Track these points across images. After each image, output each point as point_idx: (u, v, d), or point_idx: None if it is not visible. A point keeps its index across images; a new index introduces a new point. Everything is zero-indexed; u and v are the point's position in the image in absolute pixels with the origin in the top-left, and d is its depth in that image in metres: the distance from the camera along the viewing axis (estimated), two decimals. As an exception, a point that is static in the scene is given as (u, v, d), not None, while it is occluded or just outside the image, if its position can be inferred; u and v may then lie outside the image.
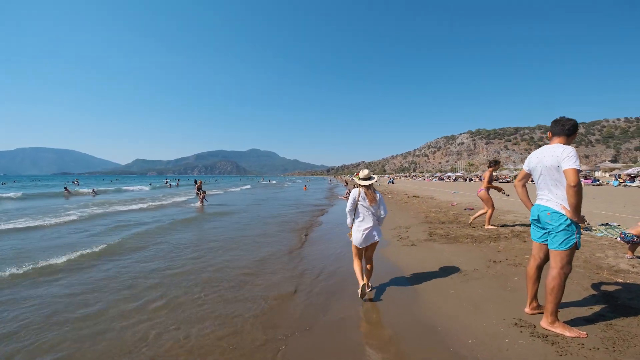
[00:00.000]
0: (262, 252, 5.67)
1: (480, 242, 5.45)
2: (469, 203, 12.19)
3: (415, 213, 9.80)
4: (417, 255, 5.01)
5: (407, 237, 6.37)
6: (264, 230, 8.04)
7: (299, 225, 8.83)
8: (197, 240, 6.82)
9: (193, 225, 8.96)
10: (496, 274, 3.86)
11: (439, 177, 61.41)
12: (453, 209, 10.41)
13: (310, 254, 5.59)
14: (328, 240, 6.77)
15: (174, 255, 5.58)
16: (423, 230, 6.87)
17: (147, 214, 11.40)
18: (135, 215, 11.19)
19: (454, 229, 6.78)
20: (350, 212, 3.49)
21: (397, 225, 7.81)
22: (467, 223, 7.35)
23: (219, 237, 7.09)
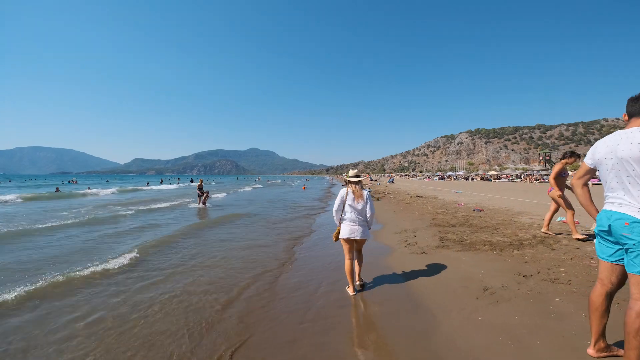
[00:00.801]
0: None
1: (501, 249, 4.76)
2: (475, 203, 11.51)
3: (420, 214, 9.11)
4: (429, 267, 4.31)
5: (415, 242, 5.67)
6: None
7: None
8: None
9: (192, 237, 8.22)
10: (531, 293, 3.17)
11: (440, 177, 60.78)
12: (460, 209, 9.72)
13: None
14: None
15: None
16: (432, 234, 6.17)
17: (140, 220, 10.67)
18: (125, 223, 10.42)
19: (467, 233, 6.08)
20: (337, 211, 3.61)
21: (402, 229, 7.11)
22: (482, 226, 6.66)
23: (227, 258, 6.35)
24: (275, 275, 4.40)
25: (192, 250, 5.76)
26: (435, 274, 4.00)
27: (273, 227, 8.34)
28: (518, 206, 10.50)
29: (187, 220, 9.80)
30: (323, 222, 9.25)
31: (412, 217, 8.72)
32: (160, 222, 9.29)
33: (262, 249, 5.93)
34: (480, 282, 3.57)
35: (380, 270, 4.35)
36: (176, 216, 10.73)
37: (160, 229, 8.10)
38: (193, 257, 5.32)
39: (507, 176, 45.31)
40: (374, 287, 3.75)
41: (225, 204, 15.68)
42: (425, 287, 3.58)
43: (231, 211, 12.04)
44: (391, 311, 3.05)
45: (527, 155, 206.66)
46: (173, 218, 10.27)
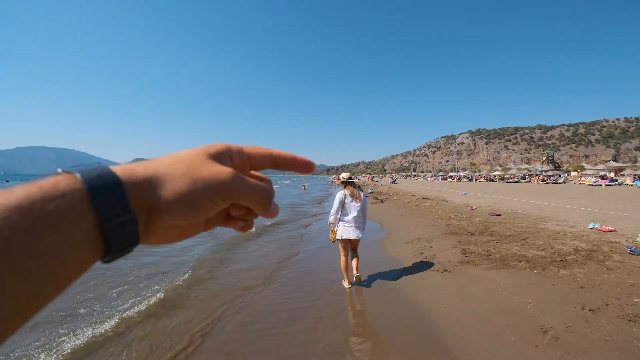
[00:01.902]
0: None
1: (542, 268, 3.89)
2: (488, 206, 10.65)
3: (432, 219, 8.23)
4: (456, 290, 3.44)
5: (432, 255, 4.80)
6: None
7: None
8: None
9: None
10: (611, 340, 2.30)
11: (442, 177, 59.91)
12: (475, 214, 8.85)
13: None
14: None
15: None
16: (452, 245, 5.30)
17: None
18: None
19: (492, 244, 5.21)
20: (336, 214, 3.73)
21: (415, 237, 6.24)
22: (507, 235, 5.80)
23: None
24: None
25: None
26: (466, 303, 3.13)
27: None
28: (535, 209, 9.64)
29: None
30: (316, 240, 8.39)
31: (423, 223, 7.84)
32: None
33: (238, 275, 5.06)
34: (531, 317, 2.71)
35: (392, 295, 3.48)
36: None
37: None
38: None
39: (511, 177, 44.43)
40: (387, 320, 2.89)
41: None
42: (460, 326, 2.70)
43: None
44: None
45: (528, 156, 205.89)
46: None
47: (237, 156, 0.26)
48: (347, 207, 3.72)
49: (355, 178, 75.67)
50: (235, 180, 0.23)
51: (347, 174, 4.02)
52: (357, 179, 72.54)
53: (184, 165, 0.22)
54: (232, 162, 0.26)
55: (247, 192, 0.24)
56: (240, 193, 0.23)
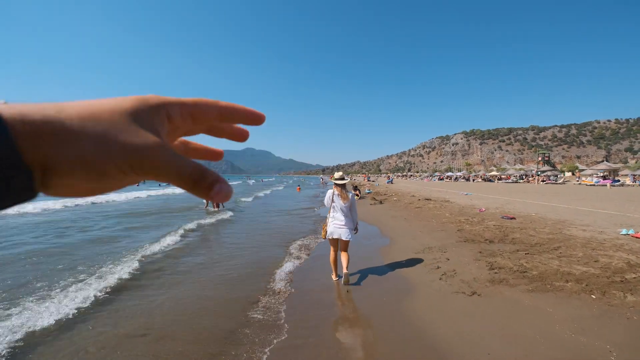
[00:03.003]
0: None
1: (601, 291, 3.03)
2: (497, 208, 9.86)
3: (440, 223, 7.38)
4: (495, 324, 2.56)
5: (452, 271, 3.91)
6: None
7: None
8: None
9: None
10: None
11: (439, 177, 59.48)
12: (486, 216, 8.02)
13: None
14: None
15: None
16: (472, 256, 4.42)
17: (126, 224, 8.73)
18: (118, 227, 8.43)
19: (520, 255, 4.35)
20: (327, 204, 3.86)
21: (424, 245, 5.36)
22: (532, 243, 4.96)
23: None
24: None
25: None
26: (517, 347, 2.24)
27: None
28: (549, 212, 8.86)
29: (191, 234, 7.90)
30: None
31: (431, 227, 6.97)
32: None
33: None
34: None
35: (406, 333, 2.57)
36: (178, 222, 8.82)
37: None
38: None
39: (508, 177, 44.09)
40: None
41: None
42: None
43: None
44: None
45: (522, 156, 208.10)
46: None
47: (177, 113, 0.22)
48: (335, 206, 3.78)
49: (351, 178, 74.61)
50: (158, 154, 0.19)
51: (339, 173, 4.00)
52: (353, 179, 71.87)
53: (101, 127, 0.18)
54: (170, 121, 0.22)
55: (167, 169, 0.19)
56: (159, 169, 0.19)
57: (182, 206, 13.01)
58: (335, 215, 3.78)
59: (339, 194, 3.77)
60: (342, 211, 3.75)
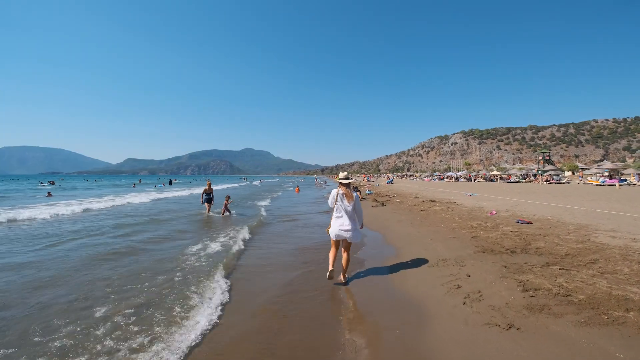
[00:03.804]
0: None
1: (678, 327, 2.37)
2: (507, 211, 9.21)
3: (450, 228, 6.72)
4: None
5: (477, 293, 3.25)
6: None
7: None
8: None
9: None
10: None
11: (439, 177, 58.88)
12: (499, 221, 7.37)
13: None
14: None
15: None
16: (497, 272, 3.76)
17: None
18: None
19: (554, 270, 3.69)
20: (332, 203, 3.84)
21: (438, 257, 4.69)
22: (562, 254, 4.30)
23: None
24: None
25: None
26: None
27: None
28: (567, 215, 8.22)
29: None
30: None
31: (442, 234, 6.30)
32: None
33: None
34: None
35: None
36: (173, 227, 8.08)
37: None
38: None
39: (509, 177, 43.52)
40: None
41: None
42: None
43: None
44: None
45: (520, 156, 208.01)
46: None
47: None
48: (339, 206, 3.78)
49: (352, 178, 75.09)
50: None
51: (344, 174, 4.00)
52: (353, 179, 70.39)
53: None
54: None
55: None
56: None
57: (189, 213, 12.06)
58: (339, 216, 3.79)
59: (344, 193, 3.79)
60: (347, 212, 3.76)
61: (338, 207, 3.81)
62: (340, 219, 3.78)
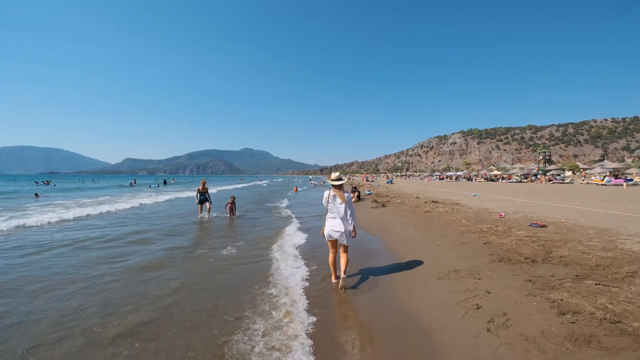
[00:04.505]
0: None
1: None
2: (516, 212, 8.67)
3: (458, 233, 6.15)
4: None
5: (502, 316, 2.68)
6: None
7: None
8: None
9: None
10: None
11: (439, 177, 58.39)
12: (510, 224, 6.82)
13: None
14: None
15: None
16: (522, 288, 3.19)
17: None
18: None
19: (588, 285, 3.13)
20: (325, 203, 3.83)
21: (450, 267, 4.12)
22: (591, 264, 3.75)
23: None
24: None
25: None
26: None
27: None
28: (581, 217, 7.68)
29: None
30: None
31: (450, 239, 5.74)
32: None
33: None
34: None
35: None
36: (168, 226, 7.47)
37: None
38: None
39: (510, 177, 43.03)
40: None
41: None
42: None
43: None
44: None
45: (519, 156, 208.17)
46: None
47: None
48: (332, 207, 3.77)
49: (350, 178, 73.69)
50: None
51: (336, 174, 3.93)
52: (352, 179, 70.39)
53: None
54: None
55: None
56: None
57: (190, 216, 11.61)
58: (332, 217, 3.78)
59: (335, 194, 3.76)
60: (339, 213, 3.73)
61: (330, 208, 3.79)
62: (334, 220, 3.77)
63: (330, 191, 3.81)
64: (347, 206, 3.75)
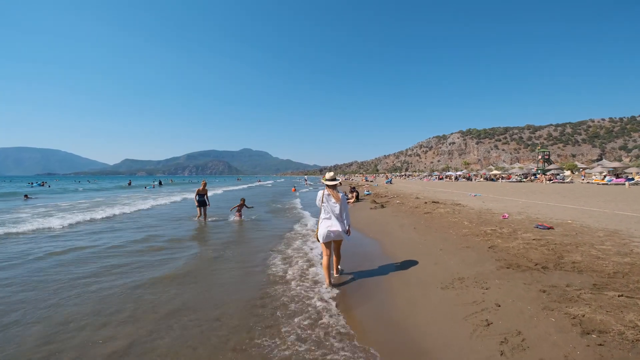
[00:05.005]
0: None
1: None
2: (519, 213, 8.35)
3: (461, 236, 5.81)
4: None
5: (517, 336, 2.35)
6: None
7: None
8: None
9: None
10: None
11: (438, 177, 58.15)
12: (515, 226, 6.49)
13: None
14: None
15: None
16: (534, 300, 2.86)
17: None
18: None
19: (611, 297, 2.80)
20: (319, 203, 3.77)
21: (454, 275, 3.79)
22: (609, 271, 3.42)
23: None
24: None
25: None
26: None
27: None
28: (587, 218, 7.36)
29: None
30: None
31: (453, 243, 5.40)
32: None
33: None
34: None
35: None
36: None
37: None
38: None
39: (509, 176, 42.82)
40: None
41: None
42: None
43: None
44: None
45: (518, 155, 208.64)
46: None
47: None
48: (326, 207, 3.71)
49: (349, 178, 73.33)
50: None
51: (331, 174, 3.90)
52: (351, 179, 70.02)
53: None
54: None
55: None
56: None
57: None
58: (326, 217, 3.72)
59: (329, 194, 3.71)
60: (334, 212, 3.68)
61: (325, 208, 3.72)
62: (329, 220, 3.70)
63: (324, 191, 3.77)
64: (341, 205, 3.71)
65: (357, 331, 2.76)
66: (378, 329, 2.82)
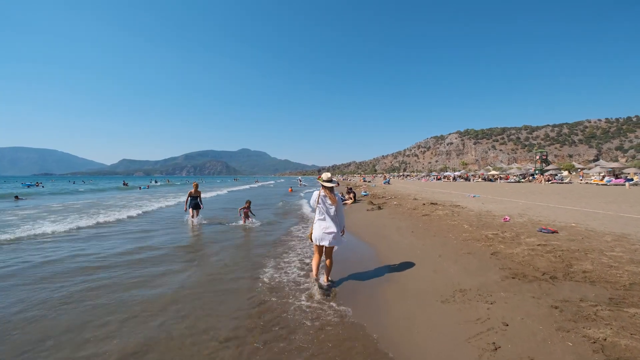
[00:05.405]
0: None
1: None
2: (521, 215, 8.06)
3: (461, 241, 5.50)
4: None
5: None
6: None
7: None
8: None
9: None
10: None
11: (436, 177, 58.00)
12: (517, 229, 6.19)
13: None
14: None
15: None
16: (547, 318, 2.54)
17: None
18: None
19: (632, 314, 2.49)
20: (314, 203, 3.68)
21: (455, 286, 3.47)
22: (623, 283, 3.12)
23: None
24: None
25: None
26: None
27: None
28: (592, 220, 7.09)
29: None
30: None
31: (452, 248, 5.09)
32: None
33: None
34: None
35: None
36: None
37: None
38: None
39: (507, 177, 42.71)
40: None
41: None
42: None
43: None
44: None
45: (515, 156, 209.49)
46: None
47: None
48: (321, 208, 3.63)
49: (348, 178, 73.44)
50: None
51: (327, 175, 3.76)
52: (349, 180, 69.74)
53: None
54: None
55: None
56: None
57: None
58: (321, 218, 3.65)
59: (326, 194, 3.64)
60: (329, 214, 3.63)
61: (320, 209, 3.63)
62: (324, 222, 3.62)
63: (320, 191, 3.68)
64: (337, 207, 3.67)
65: (347, 354, 2.43)
66: (369, 350, 2.49)
